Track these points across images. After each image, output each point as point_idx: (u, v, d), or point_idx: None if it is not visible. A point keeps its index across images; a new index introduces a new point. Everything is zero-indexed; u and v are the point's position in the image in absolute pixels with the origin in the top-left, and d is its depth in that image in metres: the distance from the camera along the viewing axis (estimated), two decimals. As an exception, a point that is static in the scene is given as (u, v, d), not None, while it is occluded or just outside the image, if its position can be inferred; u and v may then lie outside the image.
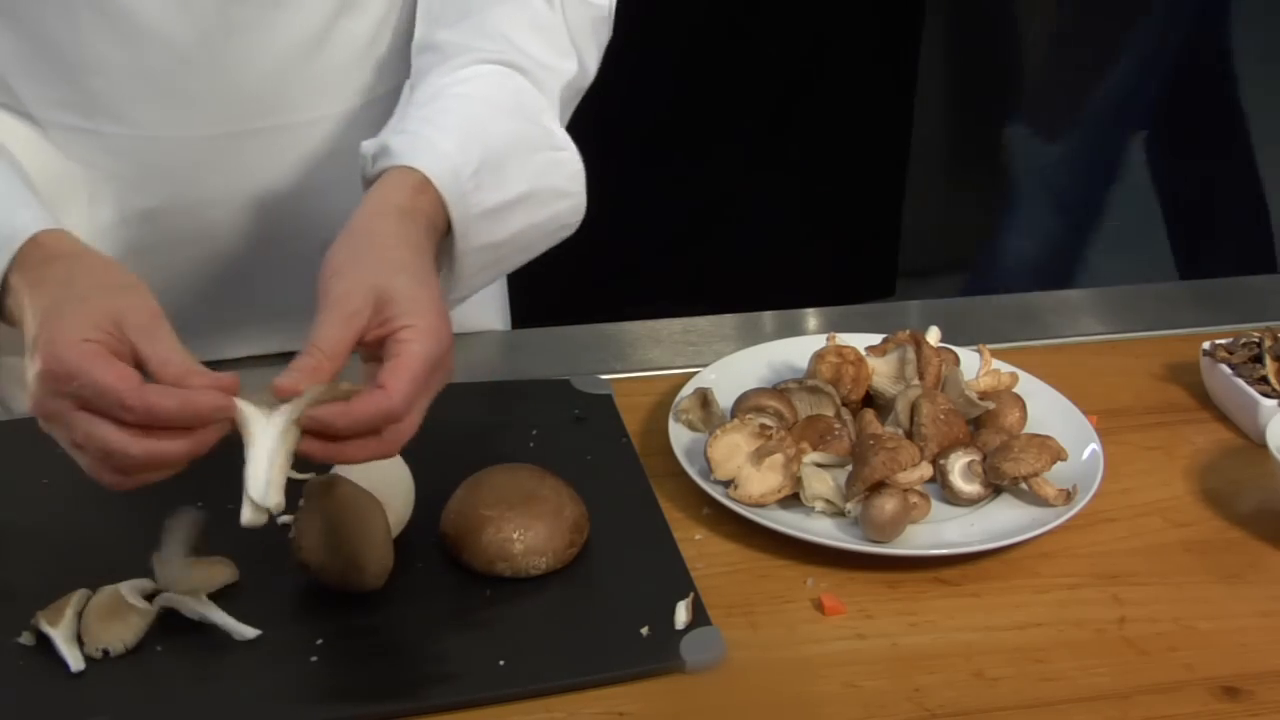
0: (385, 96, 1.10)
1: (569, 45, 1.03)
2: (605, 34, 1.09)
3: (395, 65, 1.10)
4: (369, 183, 0.93)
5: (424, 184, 0.90)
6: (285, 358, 1.18)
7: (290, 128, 1.06)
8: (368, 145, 0.94)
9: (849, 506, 0.96)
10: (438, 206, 0.91)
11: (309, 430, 0.78)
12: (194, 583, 0.87)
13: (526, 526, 0.91)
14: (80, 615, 0.84)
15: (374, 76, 1.09)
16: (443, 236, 0.92)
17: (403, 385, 0.79)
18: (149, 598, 0.86)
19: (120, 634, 0.83)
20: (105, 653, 0.83)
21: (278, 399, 0.78)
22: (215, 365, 1.12)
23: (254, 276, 1.12)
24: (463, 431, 1.05)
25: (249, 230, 1.09)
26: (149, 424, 0.76)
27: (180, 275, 1.10)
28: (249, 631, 0.85)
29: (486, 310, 1.27)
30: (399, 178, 0.90)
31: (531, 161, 0.98)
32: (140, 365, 0.78)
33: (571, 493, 0.95)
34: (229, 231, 1.08)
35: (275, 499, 0.77)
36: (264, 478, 0.77)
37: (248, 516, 0.78)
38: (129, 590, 0.85)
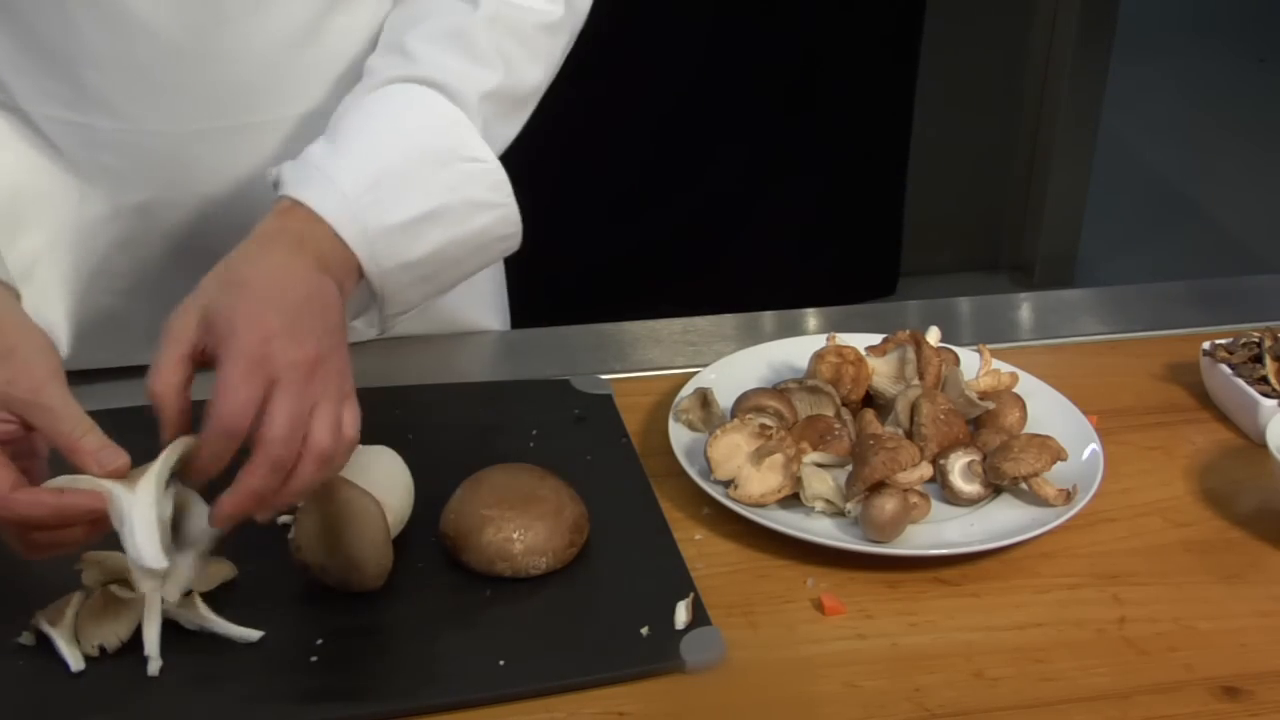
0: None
1: (492, 52, 1.02)
2: (556, 40, 1.07)
3: None
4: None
5: (306, 212, 0.90)
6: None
7: (281, 122, 1.06)
8: (271, 171, 0.95)
9: (849, 506, 0.96)
10: (328, 231, 0.90)
11: (192, 480, 0.82)
12: (192, 583, 0.87)
13: (526, 526, 0.91)
14: (78, 615, 0.84)
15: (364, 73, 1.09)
16: (355, 265, 0.92)
17: (231, 399, 0.79)
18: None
19: (115, 630, 0.84)
20: (102, 649, 0.83)
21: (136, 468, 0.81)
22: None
23: None
24: (463, 431, 1.05)
25: (242, 225, 1.08)
26: (28, 527, 0.79)
27: (173, 269, 1.10)
28: (252, 634, 0.85)
29: (486, 310, 1.27)
30: (282, 211, 0.91)
31: (440, 175, 0.97)
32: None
33: (571, 493, 0.95)
34: (222, 226, 1.08)
35: (162, 561, 0.79)
36: (148, 545, 0.79)
37: (146, 586, 0.81)
38: (118, 586, 0.85)
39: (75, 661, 0.82)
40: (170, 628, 0.85)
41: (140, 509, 0.79)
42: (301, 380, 0.81)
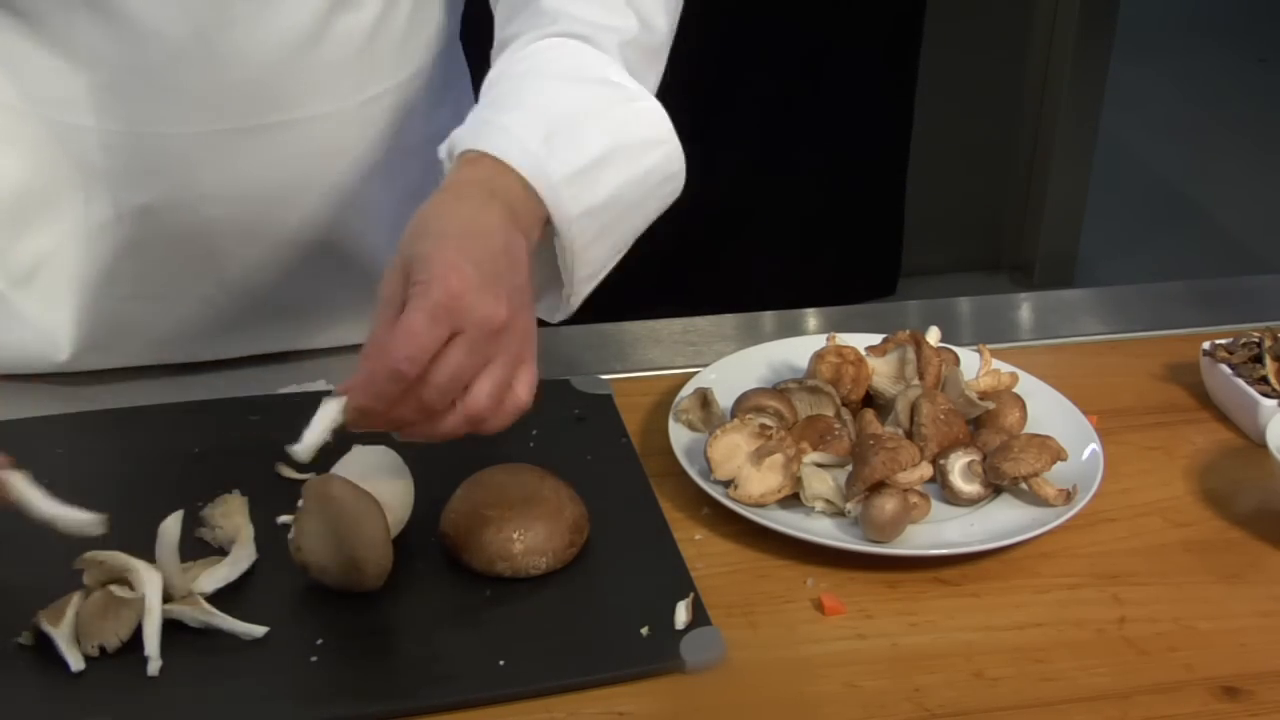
0: (383, 95, 1.10)
1: (623, 4, 1.02)
2: None
3: (392, 64, 1.11)
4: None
5: (491, 162, 0.89)
6: (280, 358, 1.19)
7: (286, 125, 1.06)
8: (441, 147, 0.93)
9: (849, 506, 0.96)
10: (515, 181, 0.89)
11: (349, 422, 0.82)
12: (190, 583, 0.87)
13: (526, 526, 0.91)
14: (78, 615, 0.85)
15: (370, 75, 1.09)
16: (542, 218, 0.90)
17: (409, 340, 0.79)
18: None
19: (115, 629, 0.83)
20: (102, 649, 0.83)
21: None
22: (215, 365, 1.13)
23: (252, 275, 1.12)
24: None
25: (247, 228, 1.09)
26: None
27: (178, 273, 1.10)
28: (256, 630, 0.85)
29: None
30: (463, 166, 0.90)
31: (606, 118, 0.96)
32: None
33: (571, 493, 0.95)
34: (227, 229, 1.08)
35: (308, 456, 0.83)
36: (311, 438, 0.82)
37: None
38: (117, 586, 0.85)
39: (75, 661, 0.82)
40: (170, 628, 0.85)
41: (327, 412, 0.82)
42: (484, 338, 0.81)
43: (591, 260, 0.94)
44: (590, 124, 0.94)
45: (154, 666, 0.82)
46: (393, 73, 1.11)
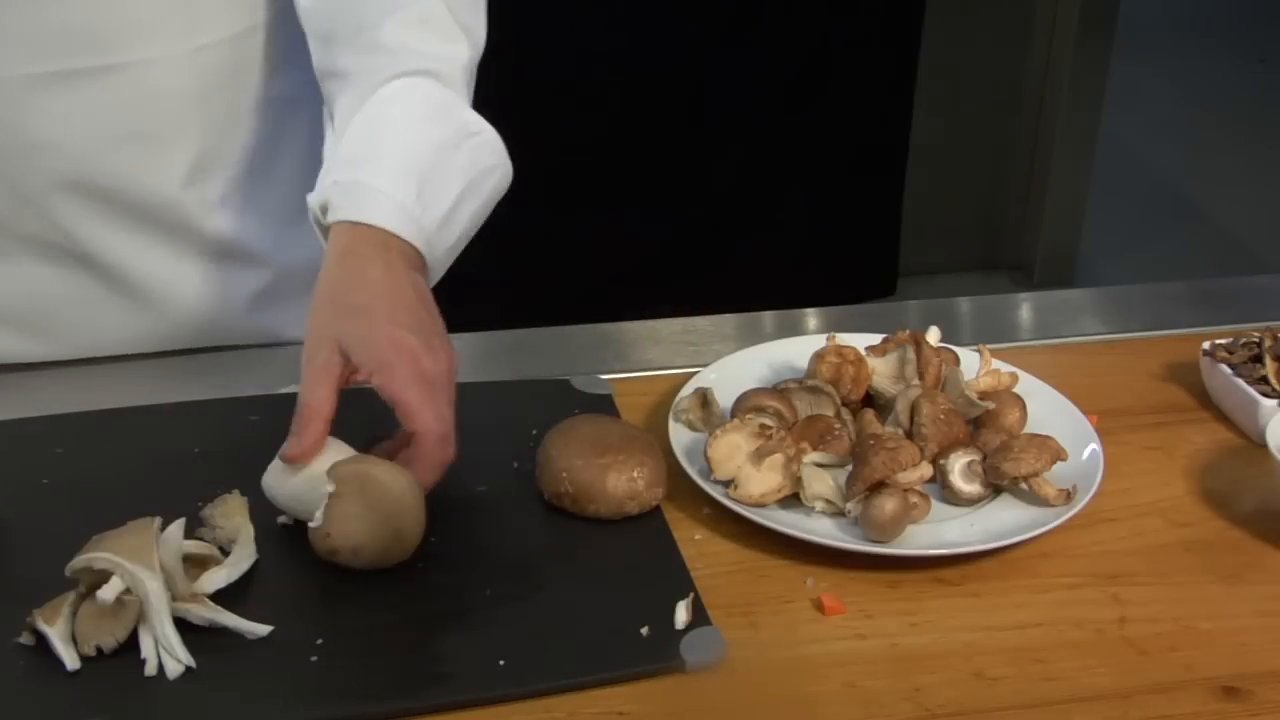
0: (215, 46, 1.10)
1: (457, 30, 1.06)
2: None
3: (220, 17, 1.11)
4: (324, 233, 0.98)
5: (371, 230, 0.96)
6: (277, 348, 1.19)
7: (112, 69, 1.06)
8: (312, 199, 0.99)
9: (849, 506, 0.96)
10: (388, 235, 0.96)
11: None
12: (192, 584, 0.87)
13: (640, 463, 0.97)
14: (75, 615, 0.84)
15: (197, 22, 1.09)
16: (408, 250, 0.97)
17: (425, 416, 0.90)
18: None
19: (112, 630, 0.83)
20: (99, 650, 0.83)
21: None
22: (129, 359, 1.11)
23: (91, 235, 1.12)
24: (463, 431, 1.05)
25: (80, 179, 1.08)
26: None
27: (16, 231, 1.10)
28: (261, 629, 0.85)
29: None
30: (347, 231, 0.96)
31: (458, 159, 1.02)
32: None
33: (639, 429, 1.03)
34: (59, 181, 1.08)
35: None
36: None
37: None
38: (113, 587, 0.85)
39: (70, 660, 0.82)
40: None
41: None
42: (449, 382, 0.93)
43: (440, 273, 1.03)
44: (447, 168, 1.01)
45: (151, 667, 0.82)
46: (225, 24, 1.11)
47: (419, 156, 0.99)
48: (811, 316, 1.29)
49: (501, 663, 0.84)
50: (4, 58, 1.03)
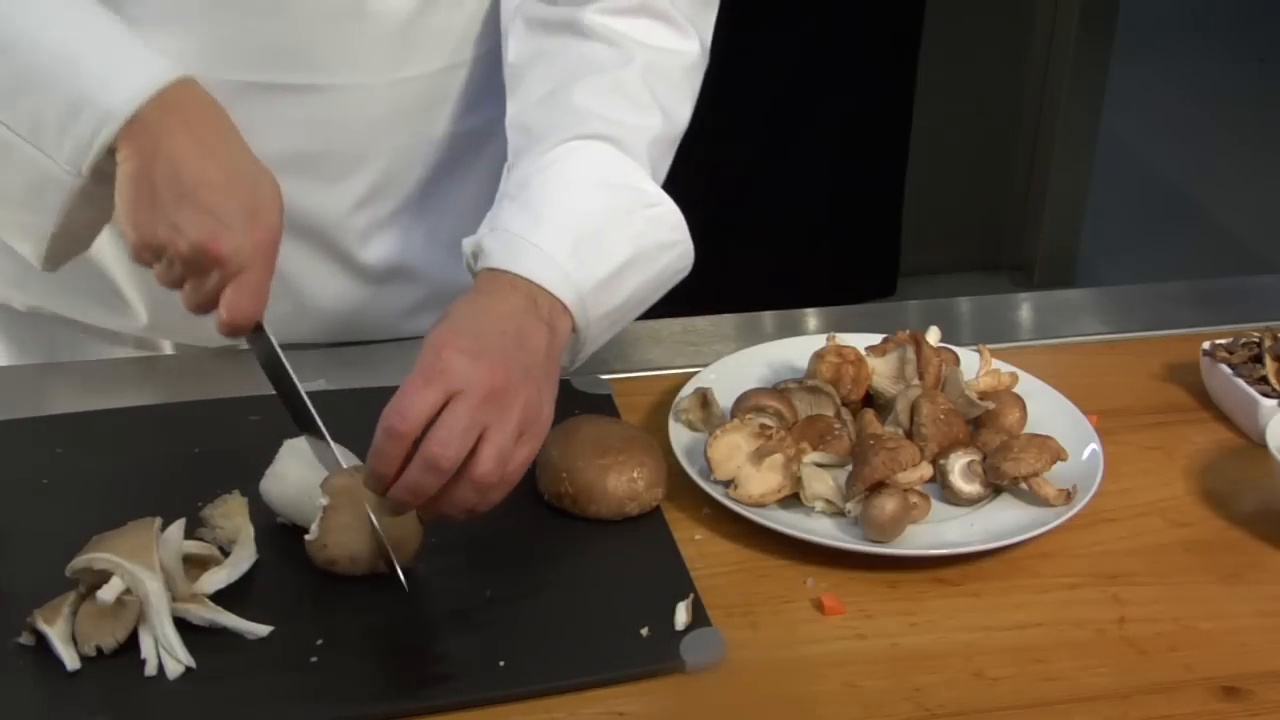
0: (414, 80, 1.11)
1: (650, 101, 1.07)
2: (696, 79, 1.14)
3: (428, 51, 1.11)
4: (474, 276, 0.98)
5: (516, 278, 0.94)
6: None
7: (314, 89, 1.07)
8: (467, 243, 0.99)
9: (849, 506, 0.96)
10: (534, 287, 0.94)
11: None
12: (192, 584, 0.87)
13: (639, 464, 0.97)
14: (75, 615, 0.84)
15: (403, 57, 1.09)
16: (555, 304, 0.95)
17: (398, 397, 0.85)
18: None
19: (112, 630, 0.83)
20: (99, 650, 0.83)
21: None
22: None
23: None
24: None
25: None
26: None
27: None
28: (261, 629, 0.86)
29: None
30: (493, 278, 0.95)
31: (629, 226, 1.01)
32: None
33: (639, 430, 1.02)
34: None
35: None
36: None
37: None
38: (113, 588, 0.85)
39: (70, 660, 0.82)
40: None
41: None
42: (478, 399, 0.85)
43: (596, 343, 1.01)
44: (614, 232, 1.00)
45: (151, 667, 0.82)
46: (432, 59, 1.11)
47: (579, 215, 0.99)
48: (811, 316, 1.29)
49: (501, 663, 0.84)
50: (217, 62, 1.03)
